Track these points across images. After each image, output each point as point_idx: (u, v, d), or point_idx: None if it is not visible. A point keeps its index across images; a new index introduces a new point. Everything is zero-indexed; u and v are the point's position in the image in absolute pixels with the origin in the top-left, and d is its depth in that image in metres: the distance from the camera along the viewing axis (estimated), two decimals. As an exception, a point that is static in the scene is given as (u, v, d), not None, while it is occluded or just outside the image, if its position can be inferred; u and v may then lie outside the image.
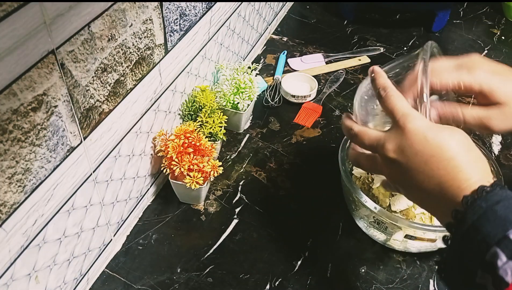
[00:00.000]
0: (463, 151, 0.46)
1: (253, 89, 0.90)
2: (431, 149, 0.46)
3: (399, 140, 0.49)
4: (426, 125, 0.48)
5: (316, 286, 0.71)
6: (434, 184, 0.46)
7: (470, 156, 0.46)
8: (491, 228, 0.41)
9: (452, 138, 0.47)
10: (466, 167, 0.45)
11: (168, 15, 0.68)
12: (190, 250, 0.75)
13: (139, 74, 0.66)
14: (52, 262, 0.59)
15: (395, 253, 0.74)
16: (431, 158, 0.46)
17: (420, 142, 0.47)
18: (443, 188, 0.46)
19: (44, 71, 0.48)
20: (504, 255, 0.39)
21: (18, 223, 0.51)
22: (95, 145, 0.61)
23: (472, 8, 1.31)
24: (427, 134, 0.47)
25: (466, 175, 0.45)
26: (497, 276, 0.39)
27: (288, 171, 0.87)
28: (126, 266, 0.72)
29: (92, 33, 0.54)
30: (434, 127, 0.48)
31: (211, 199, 0.82)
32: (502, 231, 0.41)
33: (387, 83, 0.53)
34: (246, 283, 0.71)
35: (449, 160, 0.45)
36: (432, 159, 0.46)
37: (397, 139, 0.49)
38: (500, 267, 0.39)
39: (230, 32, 0.94)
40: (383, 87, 0.53)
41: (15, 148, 0.47)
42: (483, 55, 1.15)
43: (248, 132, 0.94)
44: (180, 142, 0.73)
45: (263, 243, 0.76)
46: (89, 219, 0.65)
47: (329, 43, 1.17)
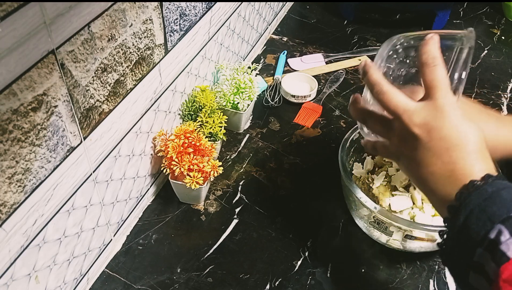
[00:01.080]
0: (481, 148, 0.47)
1: (253, 89, 0.90)
2: (458, 138, 0.47)
3: (429, 118, 0.48)
4: (460, 114, 0.48)
5: (316, 286, 0.71)
6: (447, 170, 0.47)
7: (485, 154, 0.48)
8: (496, 209, 0.43)
9: (477, 134, 0.48)
10: (481, 161, 0.47)
11: (168, 15, 0.68)
12: (190, 250, 0.75)
13: (139, 74, 0.66)
14: (52, 262, 0.59)
15: (395, 253, 0.74)
16: (455, 146, 0.47)
17: (450, 129, 0.47)
18: (454, 174, 0.47)
19: (44, 71, 0.48)
20: (508, 232, 0.41)
21: (18, 223, 0.51)
22: (95, 145, 0.61)
23: (472, 8, 1.31)
24: (459, 123, 0.47)
25: (480, 167, 0.46)
26: (498, 251, 0.41)
27: (288, 171, 0.87)
28: (126, 266, 0.72)
29: (92, 33, 0.54)
30: (465, 119, 0.48)
31: (211, 199, 0.82)
32: (506, 211, 0.42)
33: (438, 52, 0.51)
34: (246, 283, 0.71)
35: (469, 153, 0.47)
36: (455, 148, 0.47)
37: (428, 116, 0.48)
38: (503, 242, 0.41)
39: (230, 32, 0.94)
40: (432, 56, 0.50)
41: (15, 148, 0.47)
42: (483, 55, 1.15)
43: (248, 132, 0.94)
44: (180, 142, 0.73)
45: (263, 243, 0.76)
46: (89, 219, 0.65)
47: (329, 43, 1.17)
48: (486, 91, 1.06)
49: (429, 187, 0.50)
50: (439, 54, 0.50)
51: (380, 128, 0.55)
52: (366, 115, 0.56)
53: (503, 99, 1.03)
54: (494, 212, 0.42)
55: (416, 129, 0.49)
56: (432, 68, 0.50)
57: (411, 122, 0.49)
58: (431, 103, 0.49)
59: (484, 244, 0.42)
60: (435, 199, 0.50)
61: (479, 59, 1.14)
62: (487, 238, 0.42)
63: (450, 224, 0.46)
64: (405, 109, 0.50)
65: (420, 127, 0.49)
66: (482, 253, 0.42)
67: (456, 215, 0.45)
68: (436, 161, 0.48)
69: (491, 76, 1.09)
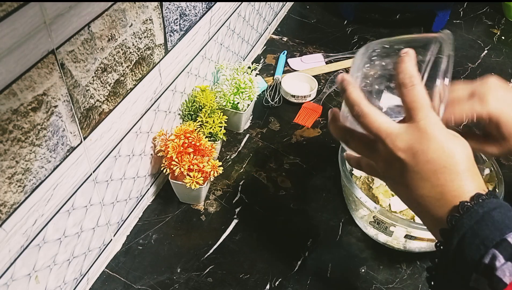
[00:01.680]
0: (470, 166, 0.46)
1: (253, 89, 0.90)
2: (445, 161, 0.45)
3: (413, 141, 0.46)
4: (444, 133, 0.46)
5: (316, 286, 0.71)
6: (436, 192, 0.46)
7: (474, 171, 0.46)
8: (489, 232, 0.41)
9: (462, 152, 0.46)
10: (470, 180, 0.45)
11: (168, 15, 0.68)
12: (190, 250, 0.75)
13: (139, 74, 0.66)
14: (52, 262, 0.59)
15: (395, 253, 0.74)
16: (443, 169, 0.45)
17: (436, 151, 0.45)
18: (443, 197, 0.45)
19: (44, 71, 0.48)
20: (502, 257, 0.40)
21: (18, 223, 0.51)
22: (95, 145, 0.61)
23: (472, 8, 1.31)
24: (444, 144, 0.46)
25: (469, 187, 0.45)
26: (494, 277, 0.40)
27: (288, 171, 0.87)
28: (126, 266, 0.72)
29: (92, 33, 0.54)
30: (450, 136, 0.47)
31: (211, 199, 0.82)
32: (499, 234, 0.41)
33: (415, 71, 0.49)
34: (246, 283, 0.71)
35: (459, 174, 0.45)
36: (443, 170, 0.45)
37: (411, 139, 0.47)
38: (498, 268, 0.40)
39: (230, 32, 0.94)
40: (409, 75, 0.48)
41: (15, 148, 0.47)
42: (483, 55, 1.15)
43: (248, 132, 0.94)
44: (180, 142, 0.73)
45: (263, 243, 0.76)
46: (89, 219, 0.65)
47: (329, 43, 1.17)
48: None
49: (420, 209, 0.48)
50: (415, 72, 0.48)
51: (363, 149, 0.52)
52: (348, 135, 0.53)
53: (503, 99, 1.03)
54: (487, 235, 0.41)
55: (401, 153, 0.47)
56: (410, 89, 0.48)
57: (395, 146, 0.47)
58: (413, 126, 0.47)
59: (479, 270, 0.41)
60: (427, 222, 0.48)
61: (479, 59, 1.14)
62: (482, 263, 0.41)
63: (443, 248, 0.45)
64: (388, 133, 0.48)
65: (405, 152, 0.47)
66: (478, 278, 0.41)
67: (449, 239, 0.44)
68: (424, 185, 0.46)
69: (491, 76, 1.09)
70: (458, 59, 1.13)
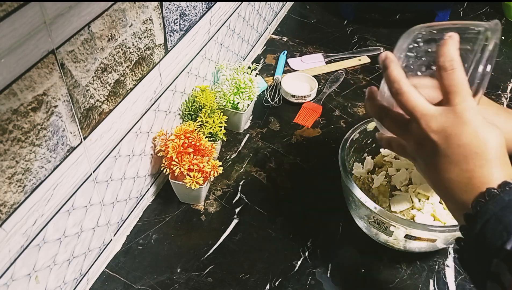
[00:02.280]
0: (501, 155, 0.46)
1: (253, 89, 0.90)
2: (477, 146, 0.46)
3: (448, 124, 0.47)
4: (479, 120, 0.47)
5: (316, 286, 0.71)
6: (464, 177, 0.46)
7: (504, 160, 0.46)
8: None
9: (496, 140, 0.46)
10: (500, 168, 0.46)
11: (168, 15, 0.68)
12: (190, 250, 0.75)
13: (139, 74, 0.66)
14: (52, 262, 0.59)
15: (395, 253, 0.74)
16: (473, 154, 0.46)
17: (469, 135, 0.46)
18: (471, 182, 0.46)
19: (44, 71, 0.48)
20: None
21: (18, 223, 0.51)
22: (95, 145, 0.61)
23: (472, 8, 1.31)
24: (479, 130, 0.46)
25: (498, 175, 0.45)
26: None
27: (288, 171, 0.87)
28: (126, 266, 0.72)
29: (92, 33, 0.54)
30: (485, 124, 0.47)
31: (211, 199, 0.82)
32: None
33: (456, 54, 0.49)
34: (246, 283, 0.71)
35: (489, 161, 0.45)
36: (474, 156, 0.46)
37: (447, 122, 0.47)
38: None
39: (230, 32, 0.94)
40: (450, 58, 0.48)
41: (15, 148, 0.47)
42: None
43: (248, 132, 0.94)
44: (180, 142, 0.73)
45: (263, 243, 0.76)
46: (89, 219, 0.65)
47: (329, 43, 1.17)
48: (486, 91, 1.04)
49: (446, 193, 0.49)
50: (457, 56, 0.49)
51: (397, 128, 0.53)
52: (383, 113, 0.54)
53: (503, 99, 1.03)
54: (511, 222, 0.42)
55: (434, 135, 0.47)
56: (450, 72, 0.48)
57: (428, 127, 0.48)
58: (450, 109, 0.47)
59: (500, 255, 0.41)
60: (451, 205, 0.49)
61: (479, 59, 1.14)
62: (504, 249, 0.41)
63: (466, 232, 0.45)
64: (423, 114, 0.48)
65: (438, 134, 0.47)
66: (499, 263, 0.41)
67: (473, 224, 0.44)
68: (453, 169, 0.47)
69: (491, 76, 1.09)
70: (458, 59, 1.13)
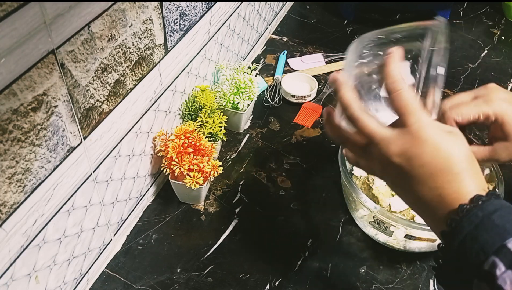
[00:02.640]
0: (469, 164, 0.45)
1: (253, 89, 0.90)
2: (440, 163, 0.45)
3: (407, 146, 0.46)
4: (438, 134, 0.46)
5: (316, 286, 0.71)
6: (434, 195, 0.45)
7: (473, 170, 0.45)
8: (488, 237, 0.41)
9: (460, 151, 0.45)
10: (470, 181, 0.44)
11: (168, 15, 0.68)
12: (190, 250, 0.75)
13: (139, 74, 0.66)
14: (52, 262, 0.59)
15: (395, 253, 0.74)
16: (439, 172, 0.45)
17: (430, 153, 0.45)
18: (442, 199, 0.45)
19: (44, 71, 0.48)
20: (503, 265, 0.39)
21: (18, 223, 0.51)
22: (95, 145, 0.61)
23: (472, 8, 1.31)
24: (439, 145, 0.45)
25: (468, 188, 0.44)
26: (495, 285, 0.39)
27: (288, 171, 0.87)
28: (126, 266, 0.72)
29: (92, 33, 0.54)
30: (445, 136, 0.46)
31: (211, 199, 0.82)
32: (499, 240, 0.40)
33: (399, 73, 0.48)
34: (246, 283, 0.71)
35: (456, 175, 0.44)
36: (440, 173, 0.45)
37: (405, 144, 0.46)
38: (499, 276, 0.39)
39: (230, 32, 0.94)
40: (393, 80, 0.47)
41: (15, 148, 0.47)
42: (483, 55, 1.15)
43: (248, 132, 0.94)
44: (180, 142, 0.73)
45: (263, 243, 0.76)
46: (89, 219, 0.65)
47: (329, 43, 1.17)
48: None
49: (419, 211, 0.48)
50: (399, 75, 0.47)
51: (359, 152, 0.52)
52: (343, 137, 0.53)
53: (503, 99, 1.03)
54: (486, 241, 0.40)
55: (395, 158, 0.46)
56: (396, 94, 0.47)
57: (389, 151, 0.47)
58: (406, 130, 0.46)
59: (480, 276, 0.40)
60: (428, 222, 0.48)
61: (479, 59, 1.14)
62: (482, 269, 0.40)
63: (444, 250, 0.45)
64: (381, 138, 0.47)
65: (399, 156, 0.46)
66: (479, 284, 0.40)
67: (450, 241, 0.43)
68: (422, 188, 0.46)
69: (491, 76, 1.09)
70: (458, 59, 1.14)
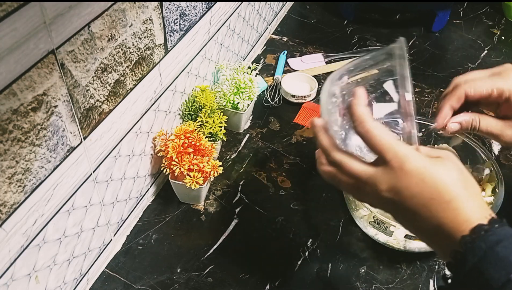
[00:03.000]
0: (461, 189, 0.44)
1: (253, 89, 0.90)
2: (429, 192, 0.44)
3: (393, 181, 0.45)
4: (421, 165, 0.45)
5: (316, 286, 0.71)
6: (432, 225, 0.44)
7: (468, 193, 0.44)
8: (493, 271, 0.40)
9: (449, 176, 0.44)
10: (465, 207, 0.43)
11: (168, 15, 0.68)
12: (190, 250, 0.75)
13: (139, 74, 0.66)
14: (52, 262, 0.59)
15: (395, 253, 0.74)
16: (430, 201, 0.44)
17: (417, 185, 0.44)
18: (441, 228, 0.44)
19: (44, 71, 0.48)
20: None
21: (18, 223, 0.51)
22: (95, 145, 0.61)
23: (472, 8, 1.31)
24: (425, 176, 0.44)
25: (465, 216, 0.43)
26: None
27: (288, 171, 0.87)
28: (126, 266, 0.72)
29: (92, 33, 0.54)
30: (429, 165, 0.45)
31: (211, 199, 0.82)
32: (505, 274, 0.39)
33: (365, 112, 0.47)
34: (246, 283, 0.71)
35: (449, 202, 0.43)
36: (431, 202, 0.44)
37: (391, 179, 0.45)
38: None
39: (230, 32, 0.94)
40: (359, 120, 0.47)
41: (15, 148, 0.47)
42: (483, 55, 1.15)
43: (248, 132, 0.94)
44: (180, 142, 0.73)
45: (263, 243, 0.76)
46: (89, 219, 0.65)
47: (329, 43, 1.17)
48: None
49: (424, 240, 0.47)
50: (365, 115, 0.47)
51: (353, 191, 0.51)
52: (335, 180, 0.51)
53: (503, 99, 1.03)
54: (492, 276, 0.39)
55: (386, 193, 0.46)
56: (366, 135, 0.46)
57: (377, 189, 0.46)
58: (388, 167, 0.45)
59: None
60: (434, 249, 0.47)
61: (479, 59, 1.14)
62: None
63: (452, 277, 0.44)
64: (367, 177, 0.47)
65: (389, 192, 0.46)
66: None
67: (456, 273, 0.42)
68: (417, 218, 0.45)
69: (491, 76, 1.09)
70: (458, 59, 1.14)
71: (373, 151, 0.47)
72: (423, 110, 0.99)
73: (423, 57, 1.14)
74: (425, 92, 1.04)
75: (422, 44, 1.17)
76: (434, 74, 1.09)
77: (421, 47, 1.16)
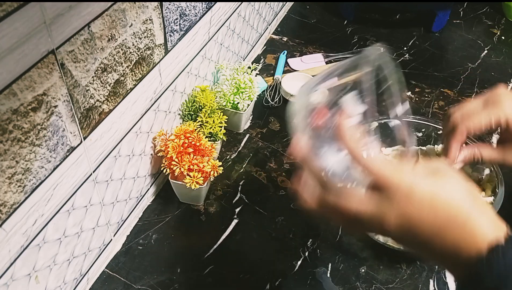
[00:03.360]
0: (472, 206, 0.42)
1: (253, 89, 0.90)
2: (443, 219, 0.42)
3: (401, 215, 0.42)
4: (428, 190, 0.42)
5: (316, 286, 0.71)
6: (448, 248, 0.42)
7: (478, 208, 0.42)
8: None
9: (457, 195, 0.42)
10: (480, 225, 0.41)
11: (168, 15, 0.68)
12: (190, 250, 0.75)
13: (139, 74, 0.66)
14: (52, 262, 0.59)
15: (395, 253, 0.74)
16: (445, 228, 0.42)
17: (429, 214, 0.42)
18: (458, 248, 0.42)
19: (44, 71, 0.48)
20: None
21: (18, 223, 0.51)
22: (95, 145, 0.61)
23: (472, 8, 1.31)
24: (435, 202, 0.42)
25: (481, 236, 0.41)
26: None
27: (288, 171, 0.87)
28: (126, 266, 0.72)
29: (92, 33, 0.54)
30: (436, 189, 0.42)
31: (211, 199, 0.82)
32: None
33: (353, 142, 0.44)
34: (246, 283, 0.71)
35: (464, 225, 0.41)
36: (446, 229, 0.42)
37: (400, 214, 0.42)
38: None
39: (230, 32, 0.94)
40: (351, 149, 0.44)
41: (15, 148, 0.47)
42: (483, 55, 1.15)
43: (248, 132, 0.94)
44: (180, 142, 0.73)
45: (263, 243, 0.76)
46: (89, 219, 0.65)
47: (329, 43, 1.17)
48: (486, 91, 1.05)
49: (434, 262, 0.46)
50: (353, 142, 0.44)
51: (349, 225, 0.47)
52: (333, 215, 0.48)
53: (503, 99, 1.03)
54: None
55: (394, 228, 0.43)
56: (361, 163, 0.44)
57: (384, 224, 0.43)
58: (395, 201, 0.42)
59: None
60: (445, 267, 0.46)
61: (479, 59, 1.14)
62: None
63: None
64: (372, 215, 0.43)
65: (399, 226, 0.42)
66: None
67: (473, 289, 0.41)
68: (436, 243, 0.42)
69: (491, 76, 1.09)
70: (458, 59, 1.13)
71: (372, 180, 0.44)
72: (423, 110, 0.99)
73: (423, 57, 1.14)
74: (425, 92, 1.04)
75: (422, 44, 1.17)
76: (434, 74, 1.09)
77: (421, 47, 1.16)
